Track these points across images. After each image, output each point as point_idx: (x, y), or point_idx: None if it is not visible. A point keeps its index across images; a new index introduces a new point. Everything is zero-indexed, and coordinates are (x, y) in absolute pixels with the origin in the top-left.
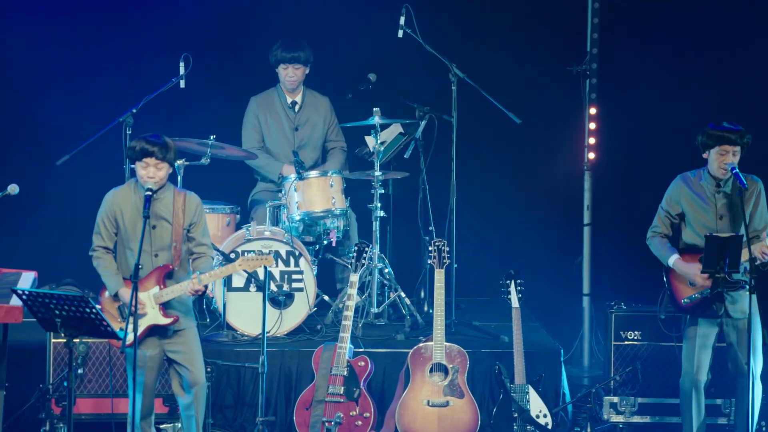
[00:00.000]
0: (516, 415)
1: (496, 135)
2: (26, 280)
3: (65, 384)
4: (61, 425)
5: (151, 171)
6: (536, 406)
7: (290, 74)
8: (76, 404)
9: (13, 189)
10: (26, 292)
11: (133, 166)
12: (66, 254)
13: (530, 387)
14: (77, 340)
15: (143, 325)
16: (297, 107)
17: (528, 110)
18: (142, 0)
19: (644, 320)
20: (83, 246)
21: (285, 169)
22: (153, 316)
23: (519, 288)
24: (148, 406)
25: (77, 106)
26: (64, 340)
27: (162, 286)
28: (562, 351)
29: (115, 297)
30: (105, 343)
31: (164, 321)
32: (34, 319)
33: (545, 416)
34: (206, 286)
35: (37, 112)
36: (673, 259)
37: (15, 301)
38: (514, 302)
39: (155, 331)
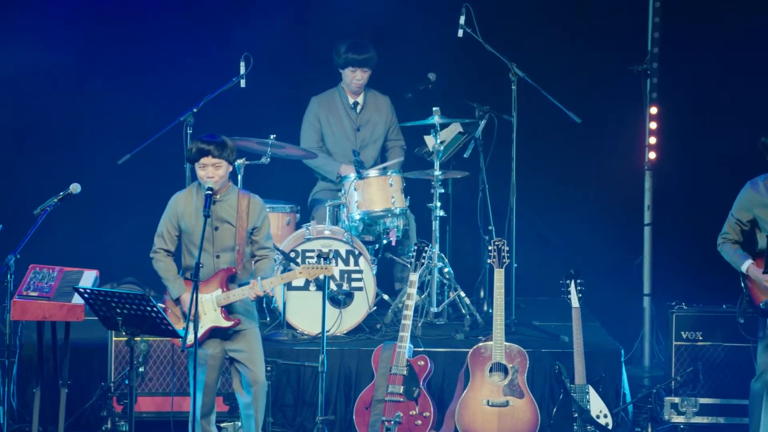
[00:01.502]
0: (576, 415)
1: (556, 134)
2: (88, 278)
3: (126, 382)
4: (123, 423)
5: (209, 171)
6: (596, 407)
7: (358, 77)
8: (138, 402)
9: (75, 188)
10: (88, 291)
11: (192, 165)
12: (127, 253)
13: (590, 387)
14: (138, 339)
15: (205, 326)
16: (359, 108)
17: (588, 109)
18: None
19: (706, 320)
20: (145, 245)
21: (343, 169)
22: (215, 319)
23: (579, 288)
24: (209, 404)
25: (138, 105)
26: (126, 339)
27: (224, 289)
28: (622, 351)
29: (177, 301)
30: (166, 342)
31: (226, 324)
32: (96, 318)
33: (605, 416)
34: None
35: (99, 112)
36: (746, 265)
37: (77, 299)
38: (574, 302)
39: (217, 332)
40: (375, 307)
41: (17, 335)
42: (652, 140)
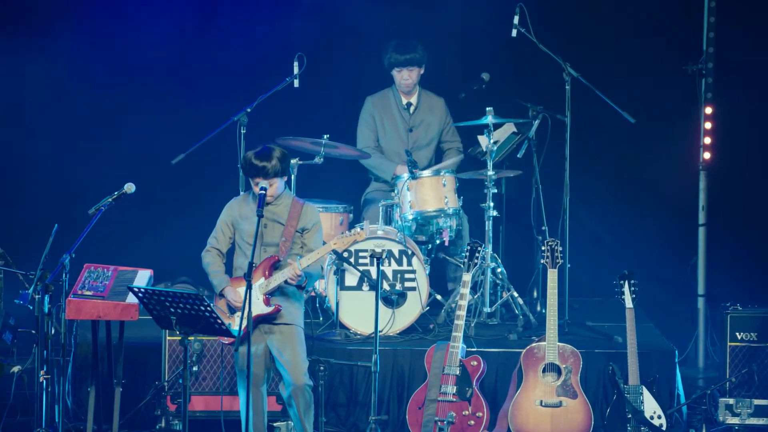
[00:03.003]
0: (630, 416)
1: (609, 134)
2: (142, 278)
3: (180, 381)
4: (177, 422)
5: (262, 185)
6: (650, 408)
7: (405, 77)
8: (191, 401)
9: (129, 188)
10: (142, 290)
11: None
12: (181, 252)
13: (644, 388)
14: (192, 338)
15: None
16: (412, 108)
17: (642, 109)
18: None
19: (761, 321)
20: (199, 244)
21: (399, 169)
22: (257, 306)
23: (633, 288)
24: (258, 402)
25: (192, 104)
26: (179, 338)
27: (267, 277)
28: (676, 352)
29: (220, 295)
30: (219, 341)
31: (267, 309)
32: (150, 317)
33: (659, 417)
34: (311, 277)
35: (153, 111)
36: None
37: (131, 298)
38: (628, 302)
39: (261, 323)
40: (428, 307)
41: (72, 334)
42: (707, 140)
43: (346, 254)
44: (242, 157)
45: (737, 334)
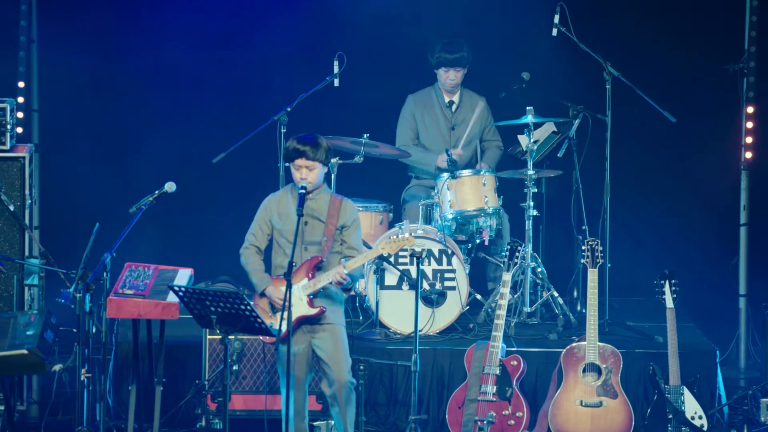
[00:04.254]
0: (671, 416)
1: (650, 134)
2: (183, 277)
3: (221, 380)
4: (217, 421)
5: (303, 172)
6: (691, 408)
7: (451, 77)
8: (231, 400)
9: (170, 187)
10: (183, 289)
11: (287, 164)
12: (222, 251)
13: (685, 388)
14: (232, 337)
15: (293, 317)
16: (454, 107)
17: (683, 109)
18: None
19: None
20: (239, 243)
21: (440, 160)
22: (301, 308)
23: (674, 288)
24: (300, 401)
25: (232, 104)
26: (220, 337)
27: (310, 278)
28: (717, 352)
29: (262, 295)
30: (260, 340)
31: (311, 311)
32: (191, 316)
33: (700, 418)
34: (354, 279)
35: (194, 110)
36: None
37: (172, 297)
38: (669, 302)
39: (304, 324)
40: (468, 307)
41: (113, 333)
42: (749, 139)
43: (386, 254)
44: (285, 145)
45: None
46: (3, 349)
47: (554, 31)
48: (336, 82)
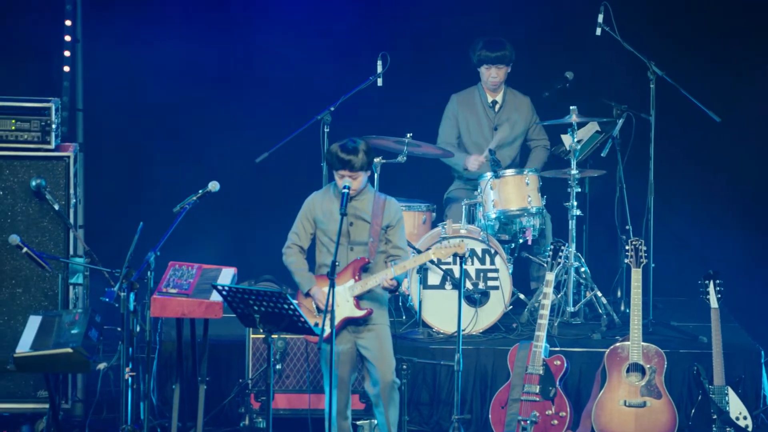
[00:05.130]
0: (715, 416)
1: (694, 133)
2: (226, 276)
3: (264, 379)
4: (260, 420)
5: (347, 181)
6: (736, 408)
7: (493, 74)
8: (275, 399)
9: (213, 186)
10: (226, 288)
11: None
12: (265, 250)
13: (730, 389)
14: (276, 336)
15: (338, 317)
16: (497, 106)
17: (728, 108)
18: None
19: None
20: (282, 242)
21: (467, 161)
22: (347, 309)
23: (718, 288)
24: (343, 401)
25: (276, 103)
26: (263, 336)
27: (357, 279)
28: (762, 352)
29: (307, 295)
30: (303, 339)
31: (358, 313)
32: (234, 315)
33: (745, 419)
34: (400, 282)
35: (236, 110)
36: None
37: (215, 296)
38: (713, 302)
39: (349, 324)
40: (511, 306)
41: (157, 332)
42: None
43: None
44: (327, 149)
45: None
46: (48, 347)
47: (598, 31)
48: (379, 82)
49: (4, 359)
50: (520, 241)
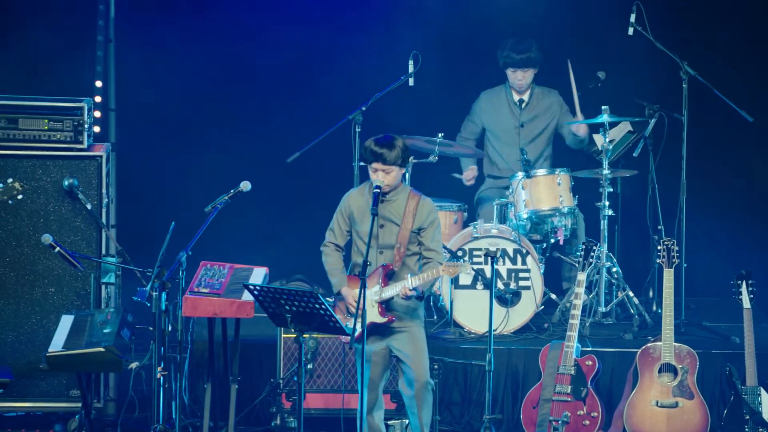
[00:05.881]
0: (747, 417)
1: (727, 133)
2: (258, 275)
3: (295, 379)
4: (291, 419)
5: (380, 175)
6: None
7: (519, 77)
8: (306, 399)
9: (245, 186)
10: (257, 288)
11: (363, 164)
12: (297, 250)
13: (762, 389)
14: (307, 336)
15: (367, 321)
16: (523, 105)
17: (761, 108)
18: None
19: None
20: (313, 242)
21: (466, 173)
22: (372, 314)
23: (751, 288)
24: (374, 400)
25: (307, 102)
26: (294, 336)
27: (383, 285)
28: None
29: (338, 295)
30: (334, 339)
31: (381, 319)
32: (266, 314)
33: None
34: (418, 293)
35: (268, 109)
36: None
37: (247, 296)
38: (746, 303)
39: (377, 328)
40: (542, 306)
41: (189, 331)
42: None
43: (460, 253)
44: (362, 145)
45: None
46: (80, 347)
47: (630, 30)
48: (411, 81)
49: (37, 358)
50: (552, 241)
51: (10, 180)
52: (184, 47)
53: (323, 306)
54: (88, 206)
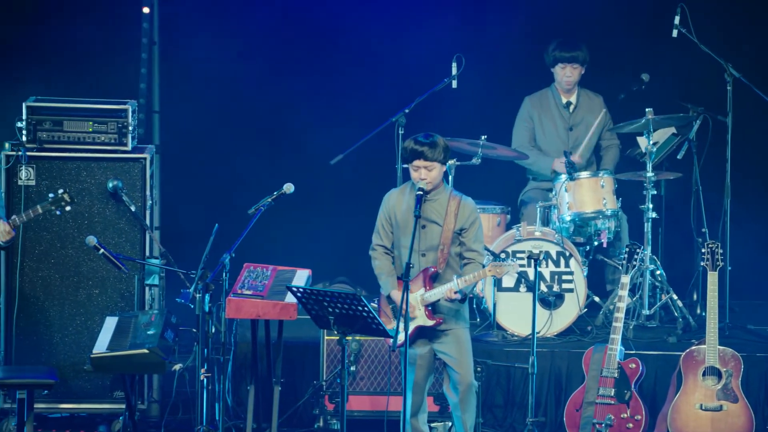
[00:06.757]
0: None
1: None
2: (301, 277)
3: (338, 381)
4: (335, 421)
5: (422, 173)
6: None
7: (567, 74)
8: (349, 401)
9: (288, 188)
10: (300, 290)
11: (405, 166)
12: (339, 252)
13: None
14: (350, 338)
15: (412, 326)
16: (572, 107)
17: None
18: (410, 1)
19: None
20: (356, 244)
21: (556, 165)
22: (420, 318)
23: None
24: (418, 403)
25: (350, 105)
26: (337, 338)
27: (428, 288)
28: None
29: (388, 298)
30: (377, 341)
31: (430, 322)
32: (308, 317)
33: None
34: (464, 295)
35: (311, 112)
36: None
37: (290, 298)
38: None
39: (424, 331)
40: (586, 309)
41: (232, 333)
42: None
43: (503, 255)
44: (403, 145)
45: None
46: (124, 348)
47: (674, 32)
48: (454, 84)
49: (82, 360)
50: (595, 243)
51: (60, 191)
52: (228, 49)
53: (366, 308)
54: (132, 208)
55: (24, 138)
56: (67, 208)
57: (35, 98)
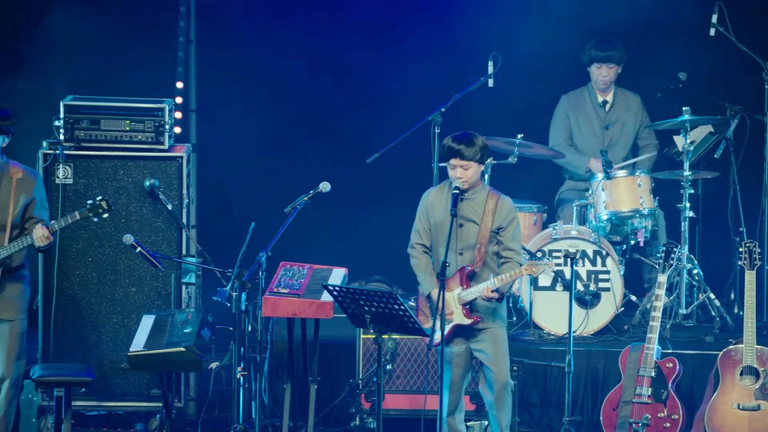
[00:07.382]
0: None
1: None
2: (337, 276)
3: (374, 379)
4: (371, 420)
5: (458, 171)
6: None
7: (603, 73)
8: (385, 399)
9: (324, 186)
10: (337, 288)
11: (442, 164)
12: (376, 251)
13: None
14: (386, 336)
15: (449, 324)
16: (608, 106)
17: None
18: (447, 1)
19: None
20: (392, 243)
21: (592, 164)
22: (457, 316)
23: None
24: (455, 402)
25: (387, 104)
26: (374, 336)
27: (465, 287)
28: None
29: (428, 297)
30: (413, 340)
31: (467, 321)
32: (345, 315)
33: None
34: (501, 294)
35: (348, 111)
36: None
37: (326, 296)
38: None
39: (461, 330)
40: (622, 308)
41: (268, 331)
42: None
43: (539, 254)
44: (441, 142)
45: None
46: (161, 346)
47: (712, 31)
48: (490, 83)
49: (119, 358)
50: (632, 242)
51: (99, 198)
52: (264, 48)
53: (402, 307)
54: (169, 206)
55: (62, 137)
56: (105, 215)
57: (73, 97)
